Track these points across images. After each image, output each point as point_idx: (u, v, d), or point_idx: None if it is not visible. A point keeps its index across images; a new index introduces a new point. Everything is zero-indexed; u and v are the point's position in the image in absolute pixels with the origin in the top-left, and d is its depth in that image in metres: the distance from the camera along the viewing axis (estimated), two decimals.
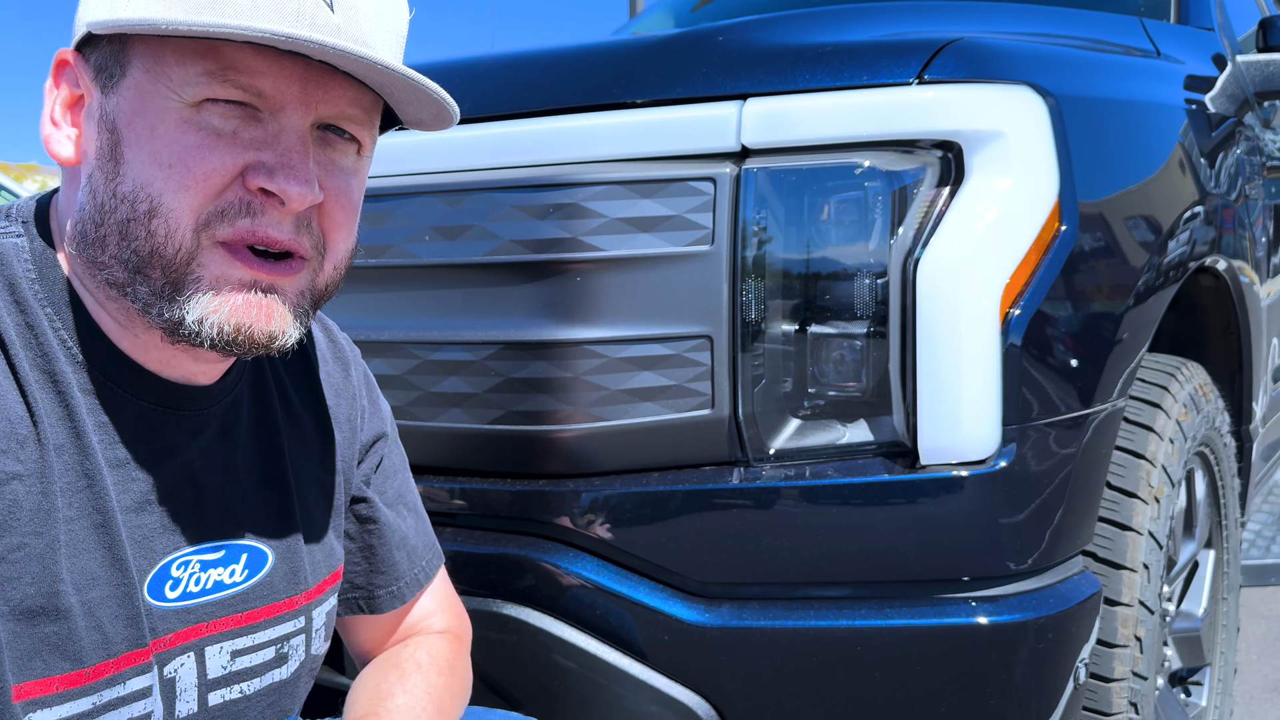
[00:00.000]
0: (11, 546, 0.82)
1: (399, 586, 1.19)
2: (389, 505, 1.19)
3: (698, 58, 1.39)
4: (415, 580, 1.21)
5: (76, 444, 0.86)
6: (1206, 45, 2.33)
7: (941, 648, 1.32)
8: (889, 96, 1.32)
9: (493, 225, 1.39)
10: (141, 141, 0.82)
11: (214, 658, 0.98)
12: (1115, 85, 1.64)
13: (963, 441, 1.30)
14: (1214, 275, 2.00)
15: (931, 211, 1.33)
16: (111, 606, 0.88)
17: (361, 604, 1.19)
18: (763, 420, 1.36)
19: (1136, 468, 1.59)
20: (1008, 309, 1.31)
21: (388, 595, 1.19)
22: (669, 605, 1.35)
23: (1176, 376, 1.76)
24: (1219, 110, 2.10)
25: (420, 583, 1.21)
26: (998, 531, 1.32)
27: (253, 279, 0.85)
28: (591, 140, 1.39)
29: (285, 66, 0.83)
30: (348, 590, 1.18)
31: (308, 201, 0.85)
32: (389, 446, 1.23)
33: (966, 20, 1.65)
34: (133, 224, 0.83)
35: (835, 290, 1.35)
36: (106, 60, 0.85)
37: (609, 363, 1.35)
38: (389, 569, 1.19)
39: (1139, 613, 1.54)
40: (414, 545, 1.21)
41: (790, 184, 1.34)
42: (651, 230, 1.35)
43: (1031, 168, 1.34)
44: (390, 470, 1.22)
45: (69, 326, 0.88)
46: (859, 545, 1.32)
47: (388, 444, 1.23)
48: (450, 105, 0.89)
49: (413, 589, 1.20)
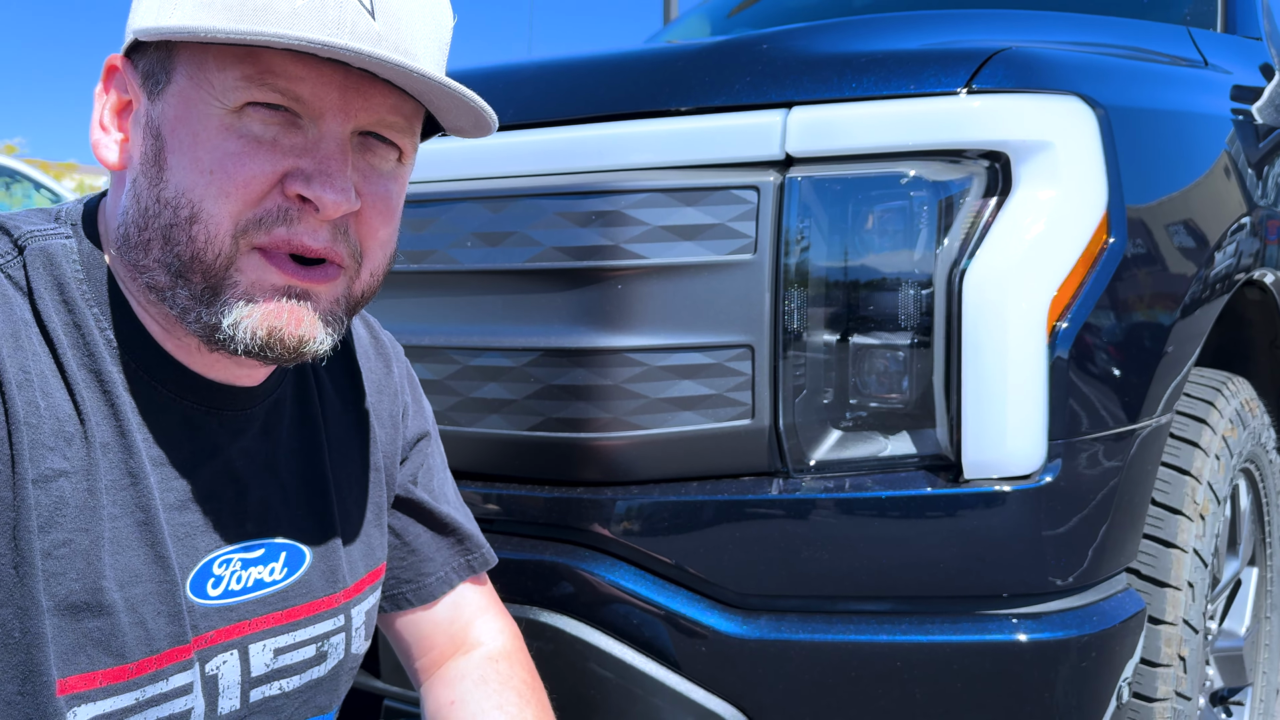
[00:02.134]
0: (58, 542, 0.83)
1: (446, 572, 1.20)
2: (436, 500, 1.20)
3: (742, 65, 1.39)
4: (466, 566, 1.21)
5: (121, 442, 0.88)
6: (1254, 55, 2.29)
7: (983, 665, 1.31)
8: (936, 106, 1.31)
9: (535, 232, 1.39)
10: (184, 147, 0.83)
11: (257, 655, 0.99)
12: (1163, 96, 1.61)
13: (1007, 456, 1.28)
14: (1260, 288, 1.96)
15: (978, 222, 1.31)
16: (154, 603, 0.89)
17: (410, 596, 1.19)
18: (803, 431, 1.35)
19: (1182, 484, 1.56)
20: (1055, 321, 1.30)
21: (436, 581, 1.19)
22: (706, 616, 1.34)
23: (1223, 392, 1.74)
24: (1266, 121, 2.07)
25: (472, 569, 1.21)
26: (1041, 548, 1.30)
27: (287, 284, 0.86)
28: (634, 147, 1.39)
29: (325, 74, 0.83)
30: (394, 585, 1.19)
31: (343, 209, 0.85)
32: (432, 445, 1.24)
33: (1013, 29, 1.64)
34: (175, 229, 0.84)
35: (879, 301, 1.33)
36: (153, 67, 0.87)
37: (649, 371, 1.35)
38: (436, 554, 1.19)
39: (1183, 631, 1.51)
40: (465, 531, 1.22)
41: (835, 193, 1.33)
42: (694, 238, 1.34)
43: (1080, 179, 1.32)
44: (436, 467, 1.23)
45: (115, 327, 0.89)
46: (899, 559, 1.31)
47: (431, 443, 1.24)
48: (488, 113, 0.89)
49: (461, 574, 1.20)
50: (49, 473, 0.82)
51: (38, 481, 0.82)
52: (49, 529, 0.82)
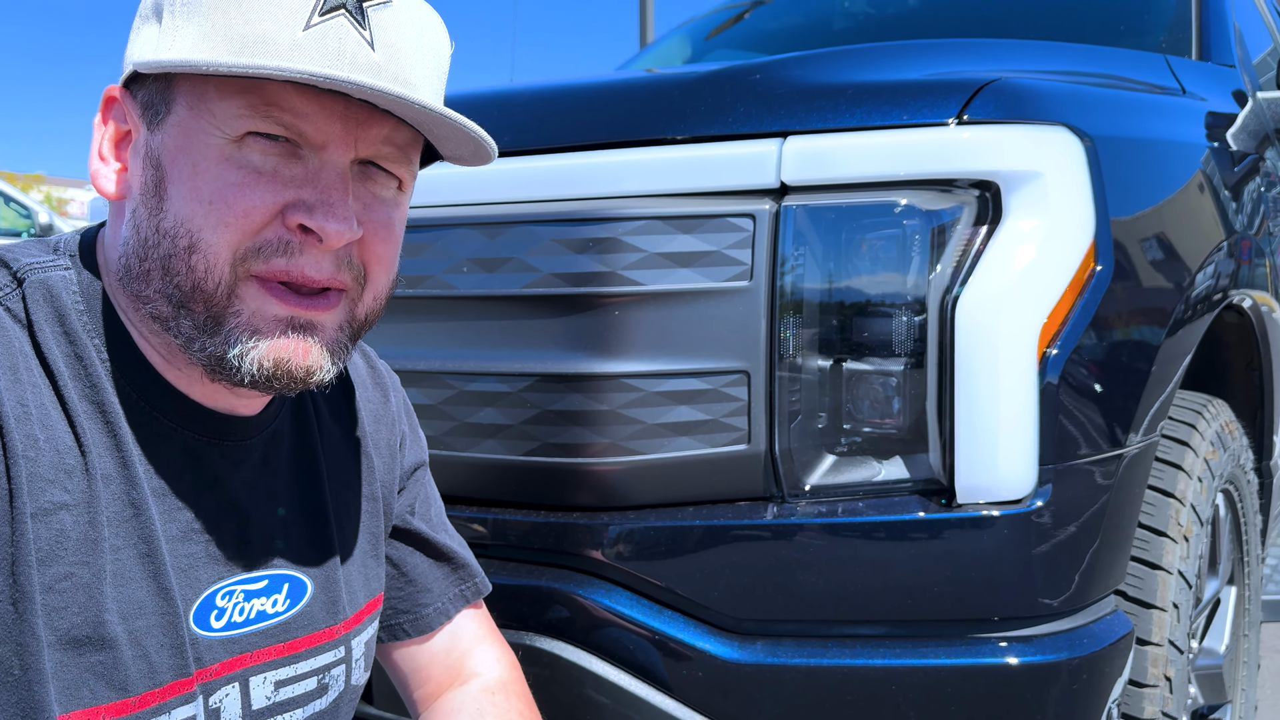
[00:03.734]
0: (59, 576, 0.82)
1: (443, 603, 1.20)
2: (433, 530, 1.20)
3: (738, 95, 1.40)
4: (461, 596, 1.21)
5: (124, 474, 0.87)
6: (1228, 82, 2.34)
7: (975, 688, 1.32)
8: (928, 136, 1.33)
9: (531, 258, 1.40)
10: (184, 178, 0.83)
11: (258, 688, 0.98)
12: (1146, 125, 1.64)
13: (1000, 480, 1.30)
14: (1237, 311, 2.00)
15: (970, 250, 1.33)
16: (157, 635, 0.88)
17: (407, 627, 1.19)
18: (798, 456, 1.36)
19: (1166, 506, 1.59)
20: (1045, 348, 1.32)
21: (434, 612, 1.19)
22: (703, 641, 1.34)
23: (1203, 414, 1.76)
24: (1240, 147, 2.11)
25: (466, 598, 1.22)
26: (1032, 571, 1.32)
27: (289, 315, 0.86)
28: (631, 175, 1.40)
29: (326, 105, 0.84)
30: (391, 615, 1.18)
31: (345, 239, 0.85)
32: (428, 474, 1.24)
33: (998, 59, 1.66)
34: (174, 259, 0.84)
35: (872, 327, 1.35)
36: (153, 98, 0.86)
37: (645, 396, 1.36)
38: (434, 584, 1.19)
39: (1169, 652, 1.53)
40: (461, 560, 1.22)
41: (829, 221, 1.34)
42: (690, 265, 1.35)
43: (1068, 208, 1.35)
44: (433, 497, 1.23)
45: (116, 358, 0.89)
46: (893, 583, 1.32)
47: (427, 472, 1.24)
48: (488, 143, 0.90)
49: (458, 604, 1.21)
50: (48, 506, 0.82)
51: (37, 515, 0.81)
52: (49, 563, 0.82)
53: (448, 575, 1.21)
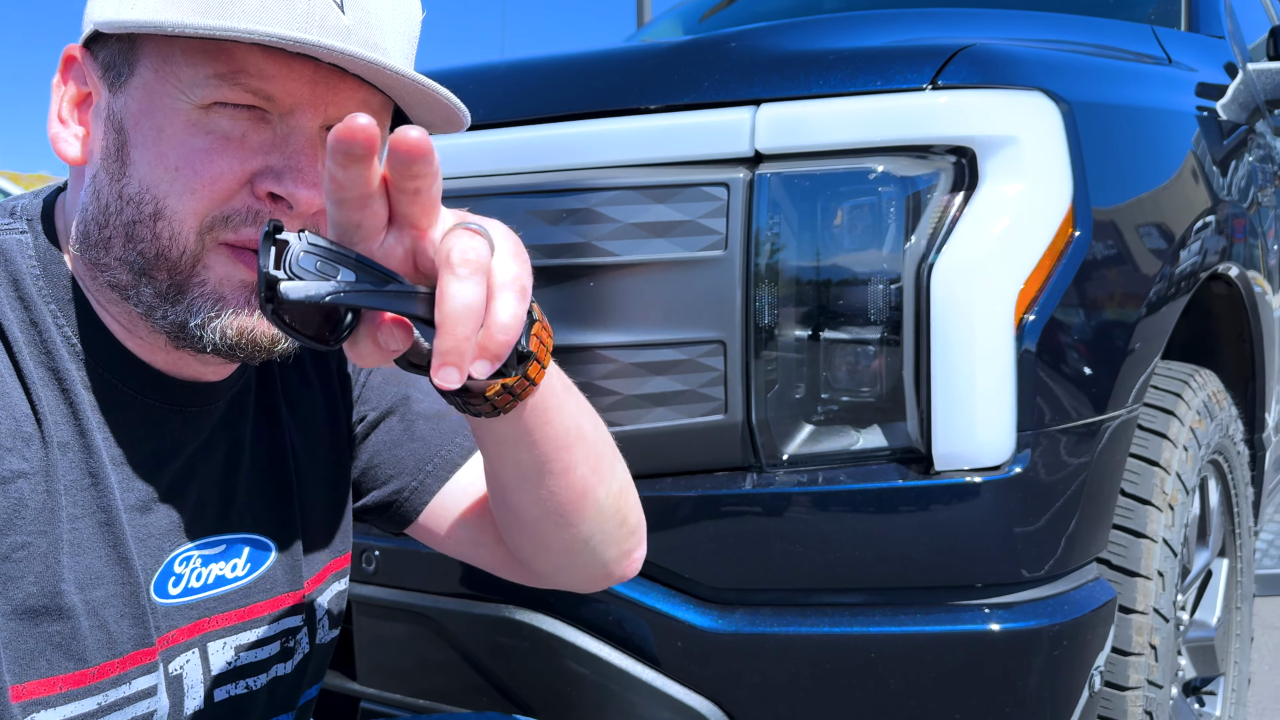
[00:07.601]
0: (16, 545, 0.81)
1: (464, 437, 1.08)
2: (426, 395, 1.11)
3: (711, 63, 1.39)
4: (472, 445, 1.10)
5: (81, 442, 0.86)
6: (1218, 53, 2.32)
7: (956, 655, 1.32)
8: (903, 102, 1.32)
9: None
10: (148, 143, 0.81)
11: (217, 654, 0.97)
12: (1128, 92, 1.63)
13: (977, 447, 1.30)
14: (1226, 283, 1.99)
15: (945, 217, 1.32)
16: (117, 605, 0.87)
17: (430, 481, 1.09)
18: (776, 425, 1.35)
19: (1151, 475, 1.58)
20: (1022, 314, 1.31)
21: (457, 449, 1.09)
22: (682, 611, 1.34)
23: (1190, 384, 1.76)
24: (1230, 118, 2.10)
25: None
26: (1012, 538, 1.32)
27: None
28: (605, 145, 1.39)
29: (295, 69, 0.82)
30: (413, 476, 1.09)
31: (316, 205, 0.83)
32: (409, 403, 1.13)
33: (979, 26, 1.65)
34: (138, 226, 0.82)
35: (849, 295, 1.34)
36: (115, 58, 0.84)
37: (621, 368, 1.35)
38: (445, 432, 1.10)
39: (1154, 620, 1.53)
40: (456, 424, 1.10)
41: (804, 189, 1.34)
42: (665, 235, 1.35)
43: (1045, 173, 1.34)
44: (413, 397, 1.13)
45: (73, 324, 0.87)
46: (872, 551, 1.32)
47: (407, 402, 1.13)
48: (460, 109, 0.88)
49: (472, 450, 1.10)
50: (7, 474, 0.81)
51: None
52: (7, 531, 0.81)
53: (458, 423, 1.11)
